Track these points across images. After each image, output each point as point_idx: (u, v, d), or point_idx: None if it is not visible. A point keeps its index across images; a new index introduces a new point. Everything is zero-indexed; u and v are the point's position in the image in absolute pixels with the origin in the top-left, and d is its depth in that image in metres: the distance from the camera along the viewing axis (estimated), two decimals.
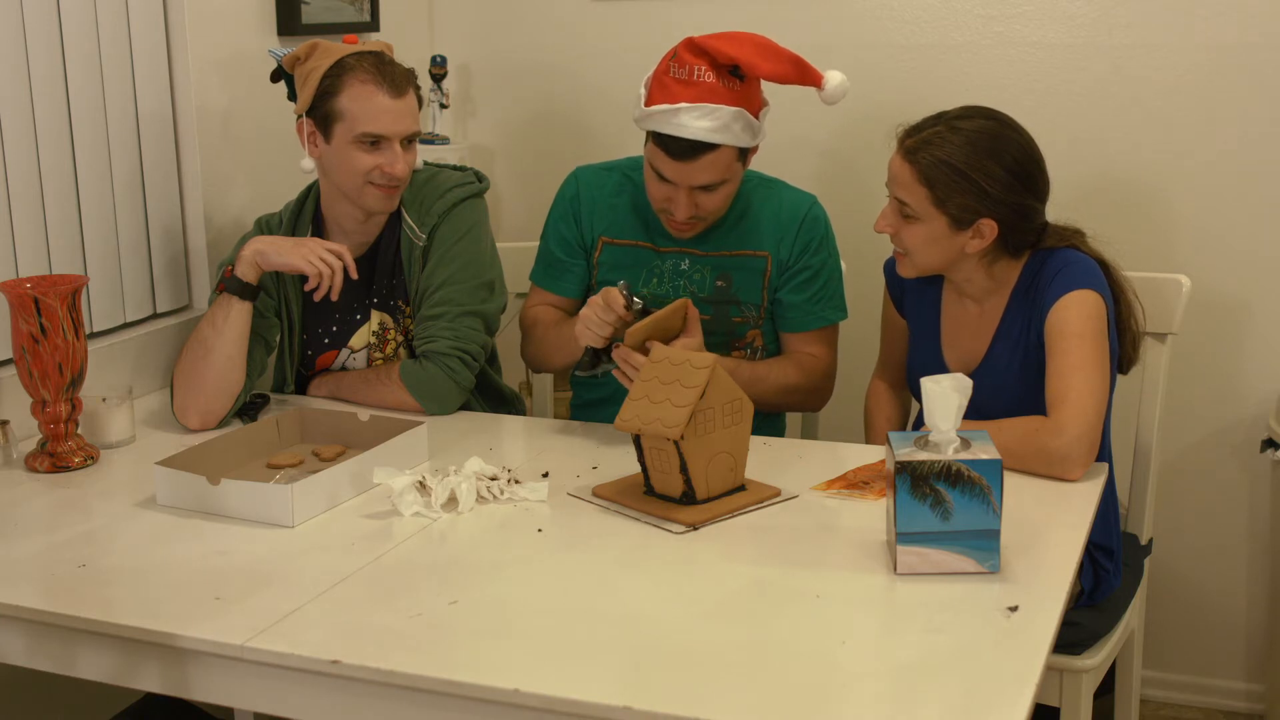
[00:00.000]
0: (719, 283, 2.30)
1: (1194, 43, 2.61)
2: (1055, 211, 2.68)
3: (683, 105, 2.11)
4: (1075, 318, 2.00)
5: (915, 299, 2.25)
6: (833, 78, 2.20)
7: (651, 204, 2.28)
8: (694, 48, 2.15)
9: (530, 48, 2.20)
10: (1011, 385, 2.07)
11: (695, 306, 2.22)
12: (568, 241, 2.40)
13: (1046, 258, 2.09)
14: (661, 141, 2.15)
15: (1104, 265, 2.10)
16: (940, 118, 2.06)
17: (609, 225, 2.36)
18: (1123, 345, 2.11)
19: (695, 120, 2.11)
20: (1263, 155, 2.61)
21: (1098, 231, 2.15)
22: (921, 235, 2.05)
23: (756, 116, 2.19)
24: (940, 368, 2.15)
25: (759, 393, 2.18)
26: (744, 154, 2.21)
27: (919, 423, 2.27)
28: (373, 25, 2.93)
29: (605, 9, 2.85)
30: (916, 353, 2.25)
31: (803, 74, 2.18)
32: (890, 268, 2.30)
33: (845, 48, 2.85)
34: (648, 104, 2.16)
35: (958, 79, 2.79)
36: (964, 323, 2.17)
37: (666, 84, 2.15)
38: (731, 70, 2.14)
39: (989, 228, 2.03)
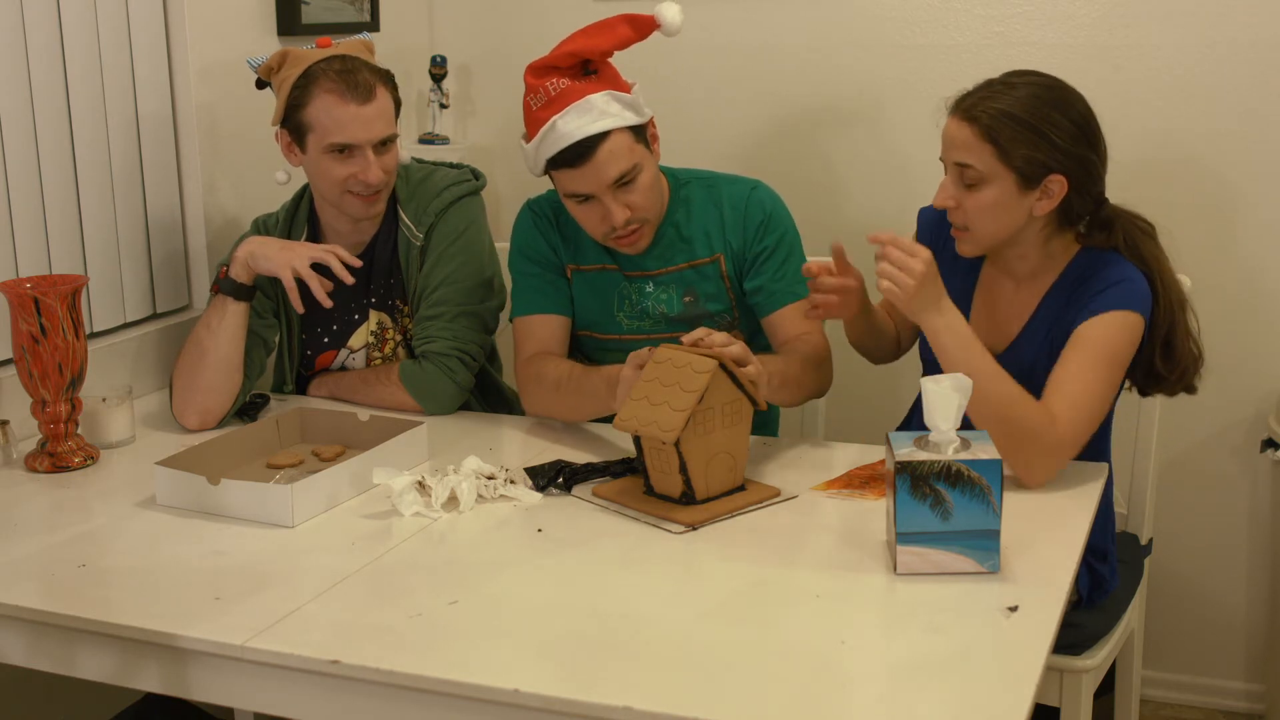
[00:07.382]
0: (686, 299, 2.26)
1: (1194, 42, 2.61)
2: None
3: (554, 118, 2.09)
4: (1106, 336, 1.91)
5: (948, 263, 2.11)
6: (664, 12, 2.16)
7: (594, 235, 2.23)
8: (536, 69, 2.14)
9: (530, 48, 2.20)
10: (1039, 376, 1.97)
11: (670, 327, 2.21)
12: (545, 260, 2.31)
13: (1099, 260, 1.99)
14: (557, 161, 2.12)
15: (1161, 278, 1.98)
16: (993, 81, 1.98)
17: (574, 253, 2.31)
18: (1170, 366, 2.00)
19: (572, 123, 2.08)
20: (1263, 155, 2.61)
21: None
22: (988, 200, 1.94)
23: (628, 94, 2.15)
24: None
25: (783, 398, 2.11)
26: (641, 136, 2.16)
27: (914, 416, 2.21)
28: (373, 25, 2.92)
29: (605, 9, 2.84)
30: None
31: (639, 27, 2.15)
32: (927, 214, 2.20)
33: (845, 48, 2.85)
34: (529, 143, 2.14)
35: (958, 79, 2.77)
36: (998, 301, 2.09)
37: (535, 116, 2.13)
38: (583, 68, 2.13)
39: (1058, 184, 1.93)
